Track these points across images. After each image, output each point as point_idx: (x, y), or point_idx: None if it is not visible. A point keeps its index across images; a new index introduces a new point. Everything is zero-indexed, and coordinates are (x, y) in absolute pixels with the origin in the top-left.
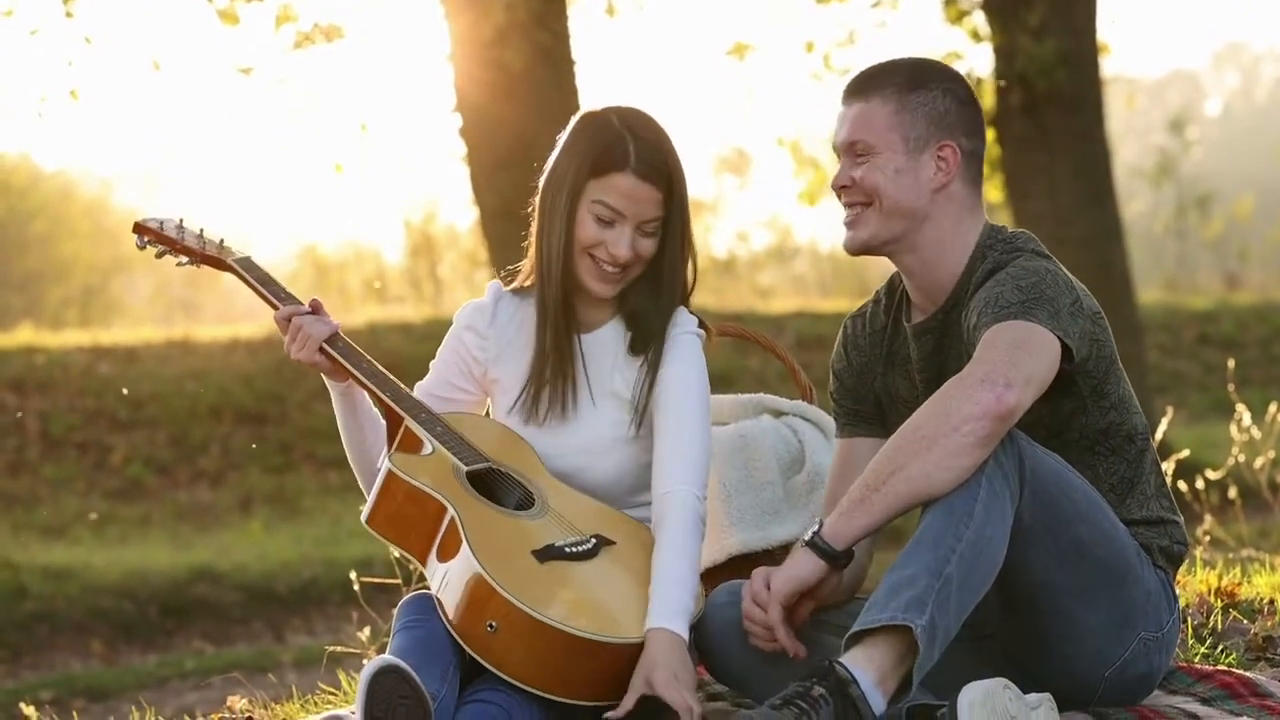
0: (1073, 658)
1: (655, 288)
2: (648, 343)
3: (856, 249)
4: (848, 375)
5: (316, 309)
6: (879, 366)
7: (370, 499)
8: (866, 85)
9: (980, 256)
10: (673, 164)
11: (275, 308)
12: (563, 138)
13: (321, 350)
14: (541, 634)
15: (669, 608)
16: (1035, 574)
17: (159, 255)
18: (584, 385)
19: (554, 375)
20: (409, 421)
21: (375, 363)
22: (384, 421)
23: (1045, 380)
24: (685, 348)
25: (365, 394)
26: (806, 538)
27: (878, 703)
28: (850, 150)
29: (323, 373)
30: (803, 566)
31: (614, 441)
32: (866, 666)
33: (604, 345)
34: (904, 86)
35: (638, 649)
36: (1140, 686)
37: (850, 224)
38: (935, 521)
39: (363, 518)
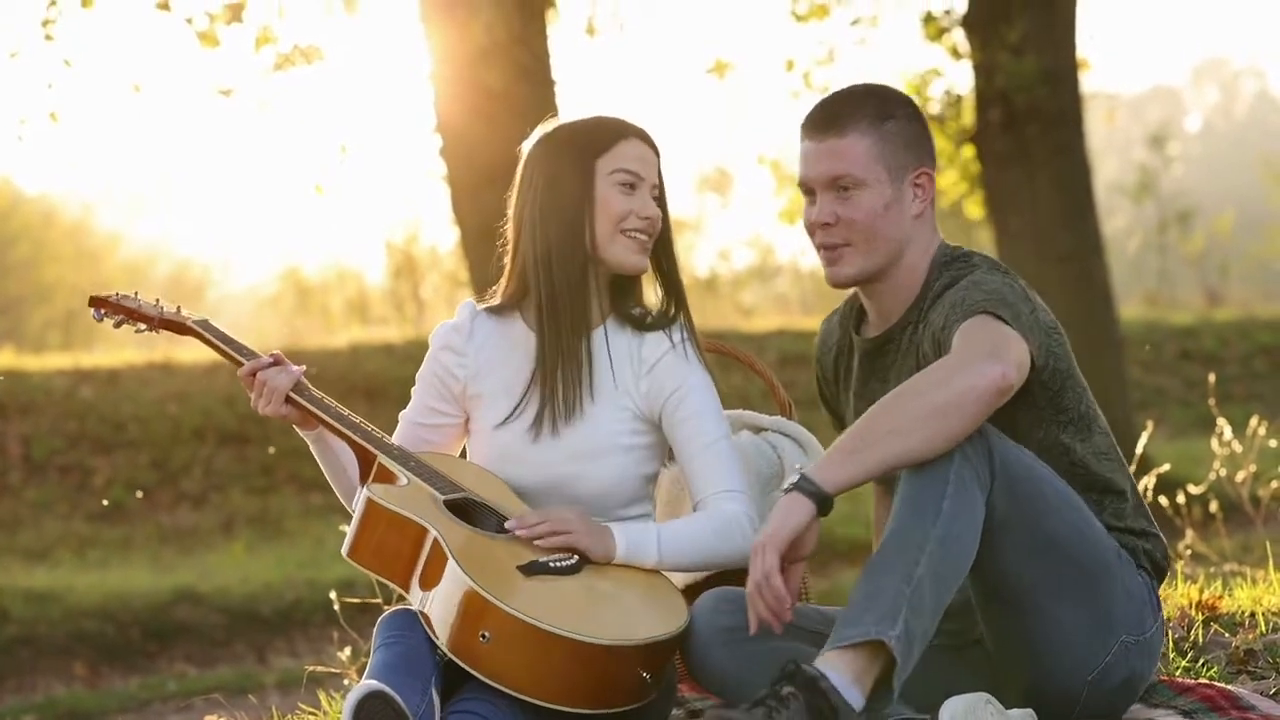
0: (1054, 661)
1: (658, 276)
2: (650, 335)
3: (845, 284)
4: (823, 382)
5: (278, 361)
6: (841, 383)
7: (350, 531)
8: (838, 118)
9: (935, 274)
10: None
11: (239, 364)
12: (530, 160)
13: (289, 400)
14: (535, 640)
15: (633, 531)
16: (1009, 568)
17: (117, 325)
18: (595, 382)
19: (566, 379)
20: (381, 458)
21: (341, 407)
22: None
23: (1027, 372)
24: (694, 358)
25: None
26: (792, 482)
27: (855, 698)
28: (832, 185)
29: (294, 424)
30: (794, 512)
31: (611, 447)
32: (839, 666)
33: (601, 348)
34: (876, 117)
35: (632, 651)
36: (1123, 694)
37: (833, 260)
38: (903, 520)
39: (344, 551)
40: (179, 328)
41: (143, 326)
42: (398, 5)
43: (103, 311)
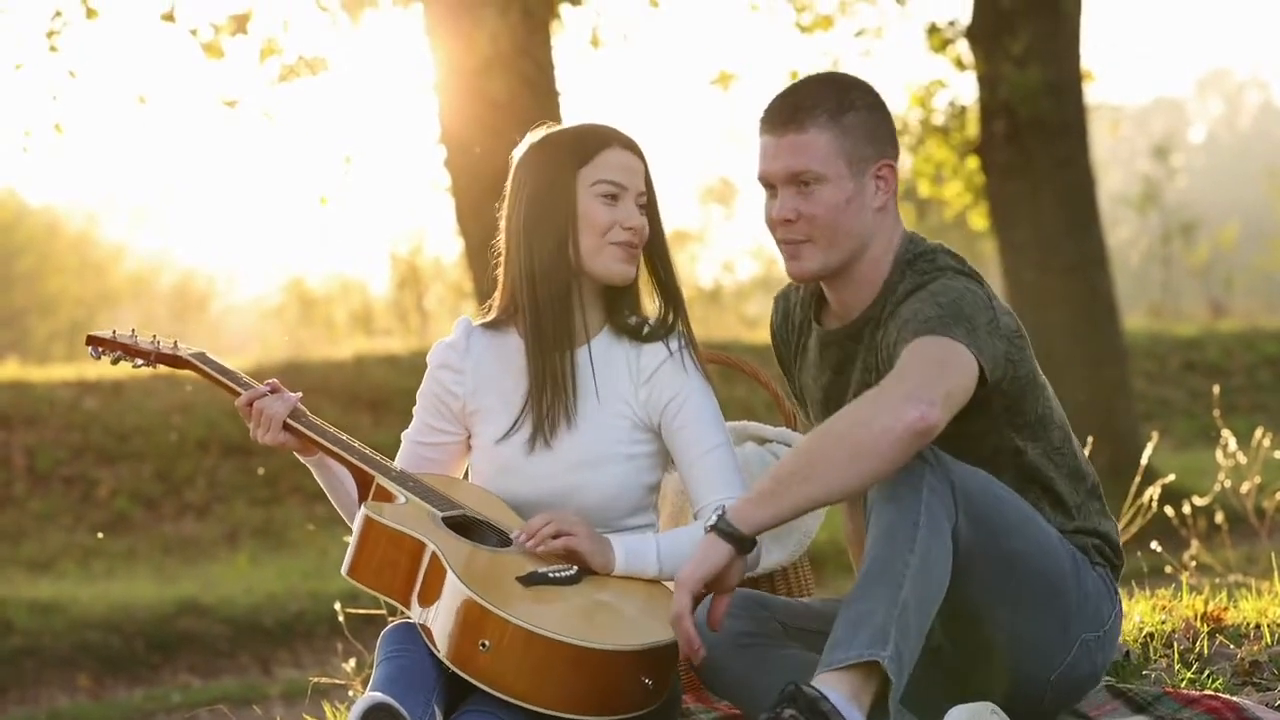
0: (1018, 667)
1: (655, 284)
2: (647, 345)
3: (808, 279)
4: (784, 352)
5: (275, 389)
6: (797, 362)
7: (350, 550)
8: (797, 113)
9: (899, 273)
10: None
11: (236, 394)
12: (518, 170)
13: (287, 427)
14: (535, 647)
15: (633, 542)
16: (974, 592)
17: (114, 362)
18: (582, 399)
19: (553, 395)
20: (379, 479)
21: (340, 431)
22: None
23: (962, 400)
24: (691, 366)
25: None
26: (710, 523)
27: (856, 717)
28: (793, 180)
29: (294, 451)
30: (710, 553)
31: (611, 457)
32: (837, 686)
33: (598, 358)
34: (835, 110)
35: (631, 657)
36: (1086, 684)
37: (794, 255)
38: (881, 550)
39: (344, 570)
40: (176, 362)
41: (140, 362)
42: (403, 17)
43: (100, 349)
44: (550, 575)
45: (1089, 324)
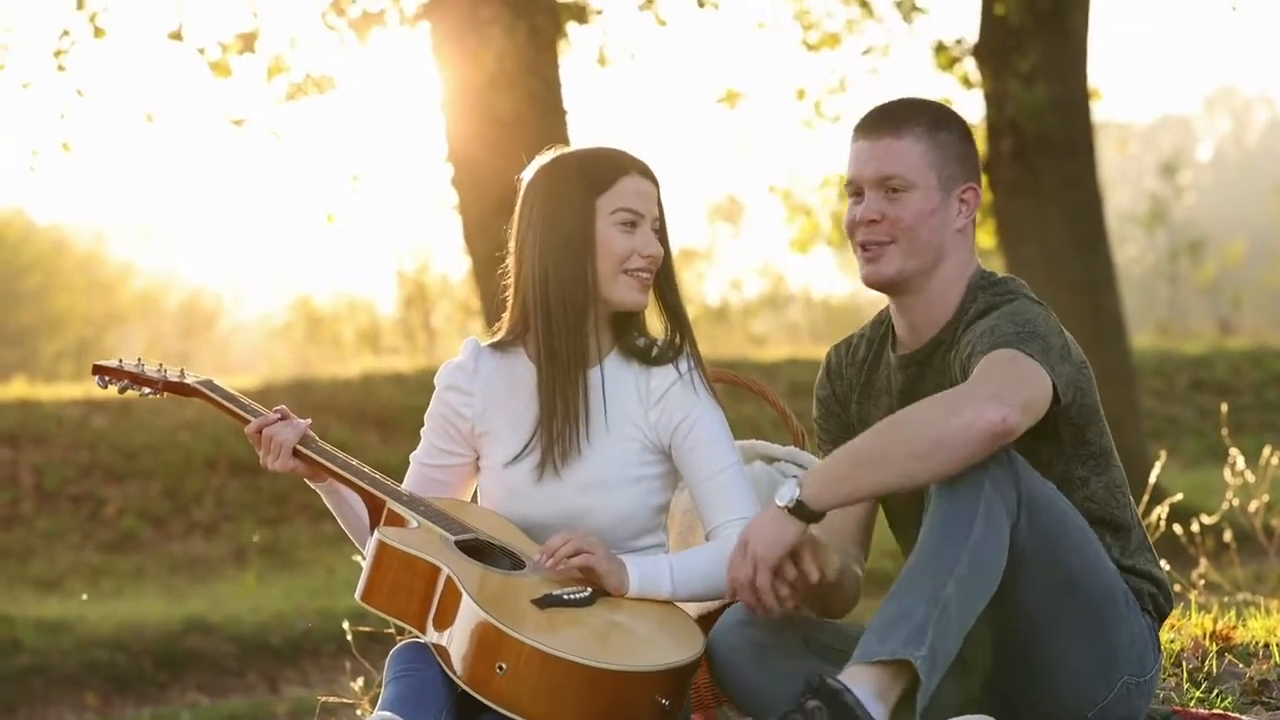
0: (1057, 695)
1: (662, 306)
2: (656, 367)
3: (881, 283)
4: (832, 402)
5: (284, 416)
6: (855, 394)
7: (363, 575)
8: (895, 120)
9: (971, 297)
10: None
11: (245, 422)
12: (529, 192)
13: (296, 454)
14: (550, 668)
15: (647, 564)
16: (1026, 602)
17: (121, 391)
18: (592, 421)
19: (564, 420)
20: (390, 503)
21: (349, 457)
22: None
23: (1039, 412)
24: (701, 387)
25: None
26: (788, 504)
27: (879, 713)
28: (882, 184)
29: (304, 477)
30: (785, 530)
31: (621, 479)
32: (862, 680)
33: (608, 380)
34: (931, 126)
35: (647, 677)
36: None
37: (873, 259)
38: (933, 540)
39: (357, 595)
40: (183, 390)
41: (148, 391)
42: (410, 35)
43: (107, 378)
44: (565, 597)
45: (1097, 342)
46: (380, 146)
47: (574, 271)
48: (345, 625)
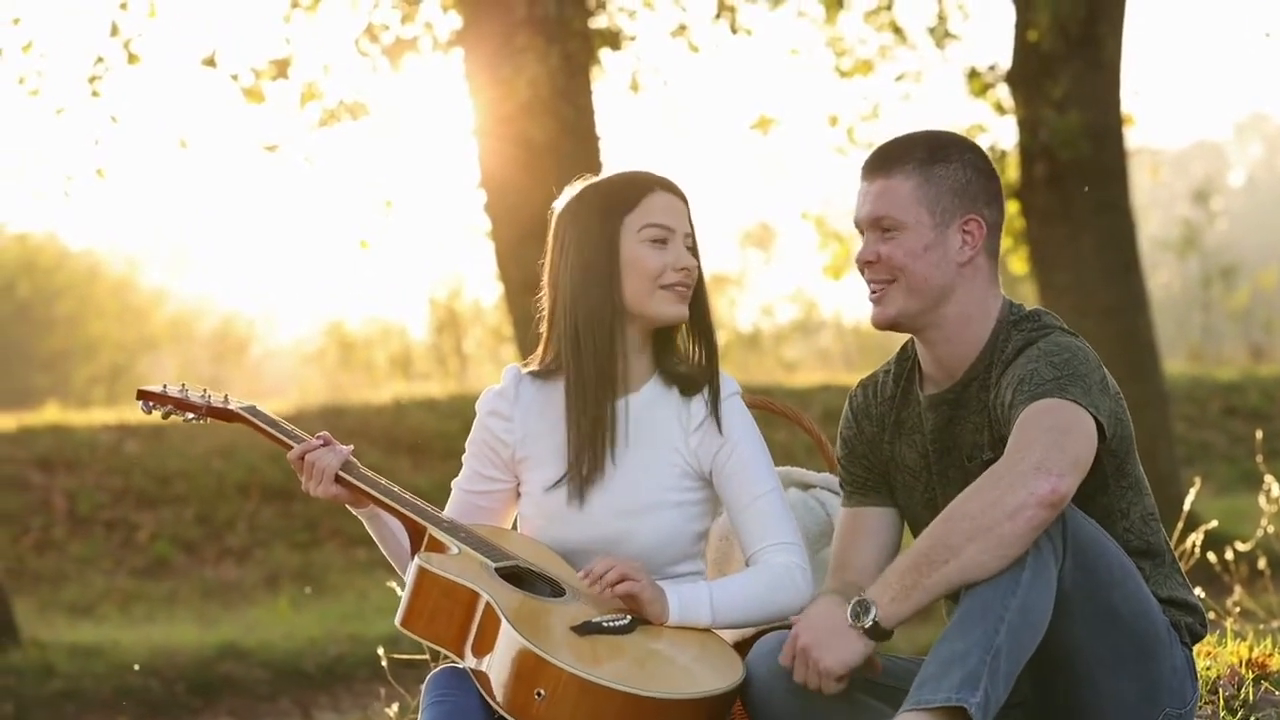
0: None
1: (694, 332)
2: (697, 393)
3: (884, 325)
4: (859, 443)
5: (327, 442)
6: (886, 435)
7: (403, 601)
8: (887, 160)
9: (1003, 332)
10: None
11: (288, 447)
12: (560, 223)
13: (338, 480)
14: (590, 695)
15: (686, 592)
16: (1071, 640)
17: (165, 416)
18: (628, 448)
19: (593, 444)
20: (431, 529)
21: (391, 483)
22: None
23: (1089, 462)
24: (739, 413)
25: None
26: (863, 624)
27: None
28: (875, 226)
29: (345, 504)
30: (855, 650)
31: (659, 504)
32: None
33: (648, 406)
34: (925, 160)
35: (686, 706)
36: None
37: (877, 300)
38: (983, 589)
39: (397, 621)
40: (228, 416)
41: (191, 416)
42: (443, 62)
43: (151, 404)
44: (604, 624)
45: (1129, 368)
46: (413, 173)
47: (599, 297)
48: (380, 651)
